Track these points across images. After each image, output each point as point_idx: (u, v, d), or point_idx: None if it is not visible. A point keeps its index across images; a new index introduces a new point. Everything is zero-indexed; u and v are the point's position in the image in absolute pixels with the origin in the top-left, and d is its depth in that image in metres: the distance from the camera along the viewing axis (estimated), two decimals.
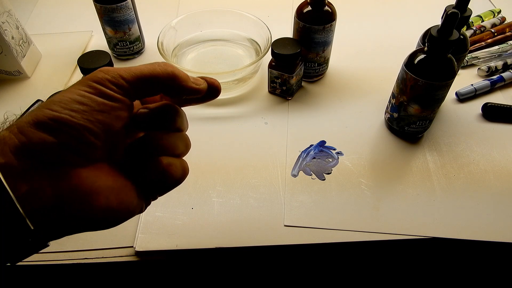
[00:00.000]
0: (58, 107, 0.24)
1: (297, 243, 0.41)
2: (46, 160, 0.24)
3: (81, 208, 0.25)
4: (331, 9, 0.53)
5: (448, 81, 0.44)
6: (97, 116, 0.25)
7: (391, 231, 0.42)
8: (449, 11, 0.39)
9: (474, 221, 0.43)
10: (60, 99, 0.25)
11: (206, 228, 0.42)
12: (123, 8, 0.57)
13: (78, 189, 0.25)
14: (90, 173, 0.26)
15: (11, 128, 0.24)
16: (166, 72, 0.28)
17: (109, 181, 0.27)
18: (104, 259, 0.40)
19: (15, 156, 0.23)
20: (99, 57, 0.50)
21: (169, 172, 0.29)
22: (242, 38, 0.64)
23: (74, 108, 0.25)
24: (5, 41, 0.54)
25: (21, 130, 0.24)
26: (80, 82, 0.26)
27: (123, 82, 0.27)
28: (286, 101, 0.57)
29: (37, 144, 0.24)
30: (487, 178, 0.47)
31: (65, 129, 0.24)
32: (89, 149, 0.25)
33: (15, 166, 0.23)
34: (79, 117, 0.25)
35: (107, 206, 0.26)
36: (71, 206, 0.25)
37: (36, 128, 0.24)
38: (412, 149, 0.50)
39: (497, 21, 0.68)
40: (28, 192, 0.23)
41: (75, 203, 0.25)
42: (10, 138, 0.24)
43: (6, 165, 0.23)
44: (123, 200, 0.27)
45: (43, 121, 0.24)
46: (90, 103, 0.25)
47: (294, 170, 0.48)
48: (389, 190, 0.46)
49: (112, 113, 0.26)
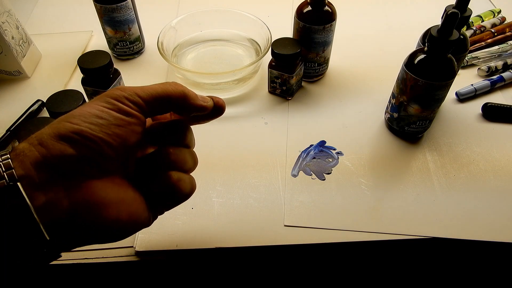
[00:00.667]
0: (78, 120, 0.25)
1: (297, 243, 0.41)
2: (64, 172, 0.25)
3: (94, 220, 0.26)
4: (331, 9, 0.53)
5: (448, 81, 0.44)
6: (115, 130, 0.26)
7: (391, 231, 0.42)
8: (449, 11, 0.39)
9: (474, 221, 0.43)
10: (80, 113, 0.26)
11: (206, 228, 0.42)
12: (123, 8, 0.57)
13: (92, 201, 0.25)
14: (104, 185, 0.26)
15: (30, 140, 0.25)
16: (177, 91, 0.30)
17: (120, 193, 0.27)
18: (104, 259, 0.40)
19: (34, 168, 0.24)
20: (99, 57, 0.50)
21: (178, 187, 0.30)
22: (242, 38, 0.64)
23: (93, 121, 0.26)
24: (5, 41, 0.54)
25: (41, 142, 0.25)
26: (98, 98, 0.28)
27: (138, 100, 0.28)
28: (286, 101, 0.57)
29: (56, 157, 0.24)
30: (487, 178, 0.47)
31: (84, 141, 0.25)
32: (105, 162, 0.26)
33: (34, 177, 0.24)
34: (98, 130, 0.26)
35: (118, 218, 0.27)
36: (85, 217, 0.25)
37: (57, 141, 0.25)
38: (412, 149, 0.50)
39: (497, 21, 0.68)
40: (45, 203, 0.24)
41: (89, 215, 0.25)
42: (30, 150, 0.24)
43: (26, 176, 0.24)
44: (133, 213, 0.28)
45: (64, 134, 0.25)
46: (108, 117, 0.26)
47: (294, 170, 0.48)
48: (389, 190, 0.46)
49: (128, 128, 0.27)
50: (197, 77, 0.56)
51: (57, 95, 0.46)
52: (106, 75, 0.51)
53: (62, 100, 0.46)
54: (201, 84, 0.57)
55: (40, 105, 0.54)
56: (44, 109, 0.55)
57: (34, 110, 0.54)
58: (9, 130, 0.51)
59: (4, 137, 0.50)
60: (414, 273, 0.51)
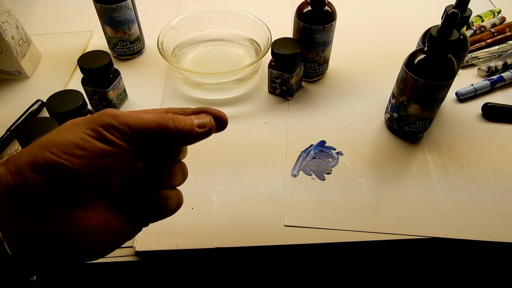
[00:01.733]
0: (58, 151, 0.24)
1: (297, 243, 0.41)
2: (38, 203, 0.24)
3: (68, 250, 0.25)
4: (331, 9, 0.53)
5: (448, 81, 0.44)
6: (96, 161, 0.25)
7: (391, 231, 0.42)
8: (449, 11, 0.39)
9: (474, 221, 0.43)
10: (61, 142, 0.25)
11: (206, 228, 0.42)
12: (123, 8, 0.57)
13: (66, 233, 0.25)
14: (81, 215, 0.26)
15: (7, 164, 0.24)
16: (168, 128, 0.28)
17: (99, 220, 0.27)
18: (104, 259, 0.40)
19: (7, 197, 0.23)
20: (99, 57, 0.50)
21: (165, 206, 0.30)
22: (242, 38, 0.64)
23: (73, 153, 0.24)
24: (5, 41, 0.54)
25: (18, 170, 0.24)
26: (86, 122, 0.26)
27: (127, 131, 0.26)
28: (286, 101, 0.57)
29: (31, 187, 0.24)
30: (487, 178, 0.47)
31: (61, 175, 0.24)
32: (82, 194, 0.26)
33: (6, 206, 0.23)
34: (78, 163, 0.24)
35: (95, 246, 0.27)
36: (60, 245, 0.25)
37: (33, 171, 0.24)
38: (412, 149, 0.50)
39: (497, 21, 0.68)
40: (17, 233, 0.23)
41: (63, 246, 0.25)
42: (5, 177, 0.24)
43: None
44: (111, 237, 0.28)
45: (41, 164, 0.24)
46: (91, 148, 0.25)
47: (294, 170, 0.48)
48: (389, 190, 0.46)
49: (111, 159, 0.26)
50: (197, 77, 0.56)
51: (57, 95, 0.46)
52: (106, 75, 0.51)
53: (62, 100, 0.46)
54: (201, 84, 0.57)
55: (40, 105, 0.54)
56: (44, 109, 0.55)
57: (34, 110, 0.54)
58: (9, 130, 0.51)
59: (4, 137, 0.50)
60: (414, 273, 0.51)
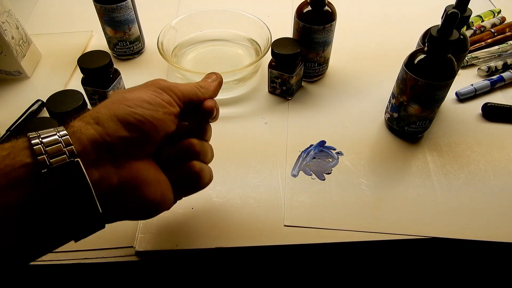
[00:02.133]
0: (133, 104, 0.28)
1: (297, 243, 0.41)
2: (115, 151, 0.27)
3: (137, 196, 0.28)
4: (331, 9, 0.53)
5: (448, 81, 0.44)
6: (162, 116, 0.29)
7: (391, 231, 0.42)
8: (449, 11, 0.39)
9: (474, 221, 0.43)
10: (134, 97, 0.29)
11: (206, 228, 0.42)
12: (123, 8, 0.57)
13: (136, 179, 0.28)
14: (145, 166, 0.29)
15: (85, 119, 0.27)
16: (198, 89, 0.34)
17: (156, 175, 0.30)
18: (104, 259, 0.40)
19: (90, 145, 0.26)
20: (99, 57, 0.50)
21: (200, 175, 0.33)
22: (242, 38, 0.64)
23: (145, 107, 0.29)
24: (5, 41, 0.54)
25: (97, 121, 0.27)
26: (148, 85, 0.31)
27: (179, 93, 0.32)
28: (286, 101, 0.57)
29: (111, 136, 0.27)
30: (487, 178, 0.47)
31: (138, 125, 0.28)
32: (149, 145, 0.29)
33: (89, 154, 0.26)
34: (149, 115, 0.29)
35: (154, 197, 0.30)
36: (130, 193, 0.28)
37: (113, 121, 0.27)
38: (412, 149, 0.50)
39: (497, 21, 0.68)
40: (99, 178, 0.26)
41: (133, 191, 0.28)
42: (86, 128, 0.27)
43: (83, 153, 0.26)
44: (164, 193, 0.31)
45: (121, 116, 0.27)
46: (157, 104, 0.29)
47: (294, 170, 0.48)
48: (389, 190, 0.46)
49: (170, 117, 0.30)
50: (197, 77, 0.56)
51: (57, 95, 0.46)
52: (106, 75, 0.51)
53: (62, 100, 0.46)
54: None
55: (40, 105, 0.54)
56: (44, 109, 0.55)
57: (34, 110, 0.54)
58: (9, 130, 0.51)
59: (4, 137, 0.50)
60: (414, 273, 0.51)
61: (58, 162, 0.25)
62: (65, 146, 0.25)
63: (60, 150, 0.25)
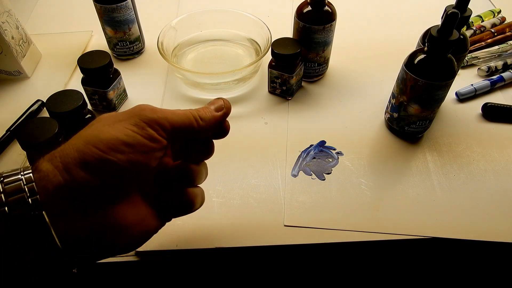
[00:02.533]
0: (105, 148, 0.25)
1: (297, 243, 0.41)
2: (85, 199, 0.25)
3: (110, 242, 0.27)
4: (331, 9, 0.53)
5: (448, 81, 0.44)
6: (139, 157, 0.26)
7: (391, 231, 0.42)
8: (449, 11, 0.39)
9: (474, 221, 0.43)
10: (108, 138, 0.26)
11: (206, 228, 0.42)
12: (123, 8, 0.57)
13: (109, 225, 0.26)
14: (122, 209, 0.27)
15: (54, 162, 0.25)
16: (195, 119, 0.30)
17: (136, 214, 0.28)
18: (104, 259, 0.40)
19: (56, 195, 0.24)
20: (99, 57, 0.50)
21: (194, 202, 0.32)
22: (242, 38, 0.64)
23: (120, 149, 0.26)
24: (5, 41, 0.54)
25: (66, 168, 0.24)
26: (129, 116, 0.27)
27: (167, 126, 0.28)
28: (286, 101, 0.57)
29: (80, 185, 0.24)
30: (487, 178, 0.47)
31: (109, 172, 0.25)
32: (126, 188, 0.27)
33: (56, 205, 0.24)
34: (124, 159, 0.26)
35: (132, 237, 0.28)
36: (102, 239, 0.26)
37: (82, 169, 0.25)
38: (412, 149, 0.50)
39: (497, 21, 0.68)
40: (64, 230, 0.24)
41: (106, 237, 0.26)
42: (54, 174, 0.24)
43: (48, 203, 0.24)
44: (145, 229, 0.29)
45: (90, 162, 0.25)
46: (135, 144, 0.26)
47: (294, 170, 0.48)
48: (389, 190, 0.46)
49: (151, 154, 0.27)
50: (197, 77, 0.56)
51: (57, 95, 0.46)
52: (106, 75, 0.51)
53: (62, 100, 0.45)
54: (201, 84, 0.57)
55: (40, 105, 0.54)
56: (44, 109, 0.55)
57: (34, 110, 0.54)
58: (9, 130, 0.51)
59: (4, 137, 0.50)
60: (414, 273, 0.51)
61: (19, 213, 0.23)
62: (30, 196, 0.23)
63: (24, 200, 0.23)
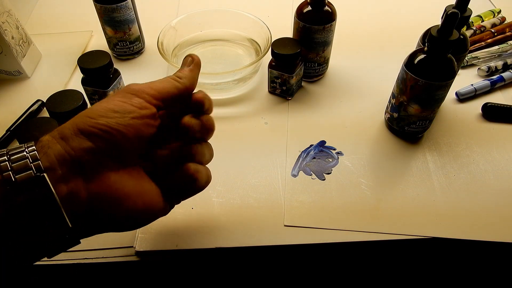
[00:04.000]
0: (95, 115, 0.28)
1: (297, 243, 0.41)
2: (83, 164, 0.26)
3: (111, 210, 0.28)
4: (331, 9, 0.53)
5: (448, 81, 0.44)
6: (129, 121, 0.28)
7: (391, 231, 0.42)
8: (449, 11, 0.39)
9: (474, 221, 0.43)
10: (98, 108, 0.28)
11: (206, 228, 0.42)
12: (123, 8, 0.57)
13: (109, 192, 0.27)
14: (121, 177, 0.28)
15: (53, 133, 0.27)
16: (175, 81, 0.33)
17: (137, 185, 0.29)
18: (104, 259, 0.40)
19: (57, 160, 0.26)
20: (99, 57, 0.50)
21: (196, 177, 0.32)
22: (242, 38, 0.64)
23: (109, 115, 0.28)
24: (5, 41, 0.54)
25: (62, 136, 0.27)
26: (118, 92, 0.30)
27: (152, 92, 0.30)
28: (286, 101, 0.57)
29: (76, 150, 0.26)
30: (487, 178, 0.47)
31: (101, 134, 0.27)
32: (121, 154, 0.28)
33: (57, 169, 0.25)
34: (113, 123, 0.27)
35: (134, 209, 0.29)
36: (102, 208, 0.27)
37: (76, 135, 0.27)
38: (412, 149, 0.50)
39: (497, 21, 0.68)
40: (67, 194, 0.26)
41: (106, 205, 0.27)
42: (53, 143, 0.26)
43: (50, 168, 0.25)
44: (148, 203, 0.30)
45: (83, 128, 0.27)
46: (123, 110, 0.28)
47: (294, 170, 0.48)
48: (389, 190, 0.46)
49: (142, 120, 0.29)
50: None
51: (57, 95, 0.46)
52: (106, 75, 0.51)
53: (62, 100, 0.45)
54: (201, 84, 0.57)
55: (40, 105, 0.54)
56: (44, 109, 0.55)
57: (34, 110, 0.54)
58: (9, 130, 0.51)
59: (4, 137, 0.50)
60: (414, 273, 0.51)
61: (23, 178, 0.24)
62: (32, 161, 0.25)
63: (27, 165, 0.24)
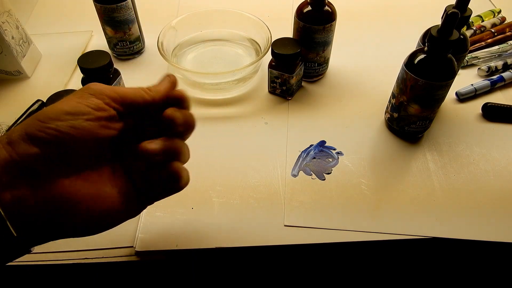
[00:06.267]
0: (46, 118, 0.26)
1: (297, 243, 0.41)
2: (30, 171, 0.25)
3: (63, 217, 0.26)
4: (331, 9, 0.53)
5: (448, 81, 0.44)
6: (83, 123, 0.26)
7: (391, 231, 0.42)
8: (449, 11, 0.39)
9: (474, 221, 0.43)
10: (52, 111, 0.26)
11: (206, 228, 0.42)
12: (123, 8, 0.57)
13: (59, 199, 0.26)
14: (74, 182, 0.27)
15: (1, 138, 0.25)
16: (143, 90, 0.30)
17: (93, 189, 0.28)
18: (104, 259, 0.40)
19: (1, 167, 0.24)
20: (99, 57, 0.50)
21: (181, 176, 0.30)
22: (242, 38, 0.64)
23: (61, 118, 0.26)
24: (5, 41, 0.54)
25: (9, 141, 0.25)
26: (77, 91, 0.28)
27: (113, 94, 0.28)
28: (286, 101, 0.57)
29: (22, 156, 0.25)
30: (487, 178, 0.47)
31: (50, 139, 0.25)
32: (73, 158, 0.27)
33: (1, 176, 0.24)
34: (65, 126, 0.26)
35: (89, 214, 0.27)
36: (54, 214, 0.26)
37: (23, 140, 0.25)
38: (412, 149, 0.50)
39: (497, 21, 0.68)
40: (12, 201, 0.24)
41: (57, 212, 0.26)
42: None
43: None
44: (105, 207, 0.28)
45: (31, 133, 0.25)
46: (77, 112, 0.26)
47: (294, 170, 0.48)
48: (389, 190, 0.46)
49: (96, 122, 0.27)
50: (197, 77, 0.56)
51: (57, 95, 0.46)
52: (106, 75, 0.51)
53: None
54: (201, 84, 0.57)
55: (40, 105, 0.54)
56: None
57: (34, 110, 0.54)
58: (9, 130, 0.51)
59: None
60: (414, 273, 0.51)
61: None
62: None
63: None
